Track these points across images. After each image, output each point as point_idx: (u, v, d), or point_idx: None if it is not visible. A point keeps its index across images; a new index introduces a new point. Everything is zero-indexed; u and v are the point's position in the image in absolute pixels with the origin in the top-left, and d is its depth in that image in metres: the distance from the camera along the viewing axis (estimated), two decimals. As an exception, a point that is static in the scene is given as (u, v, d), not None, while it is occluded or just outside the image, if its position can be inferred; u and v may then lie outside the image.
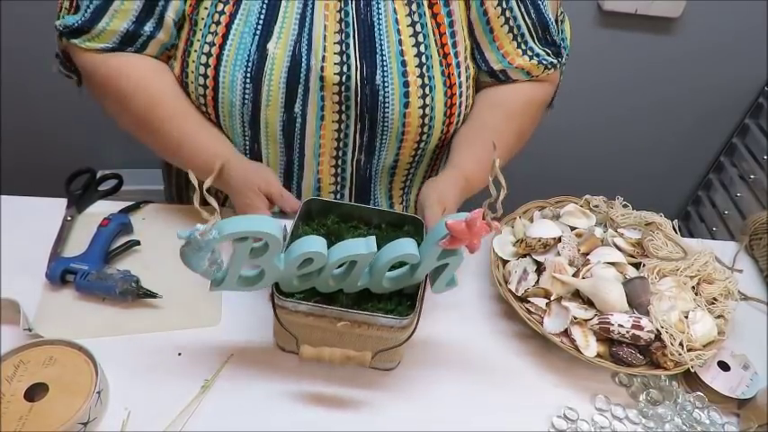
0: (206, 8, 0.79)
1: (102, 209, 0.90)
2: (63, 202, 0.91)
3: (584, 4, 1.57)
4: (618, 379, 0.80)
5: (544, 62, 0.89)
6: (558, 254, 0.85)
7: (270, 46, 0.79)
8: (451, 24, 0.83)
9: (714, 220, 1.90)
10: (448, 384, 0.76)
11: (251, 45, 0.79)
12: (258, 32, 0.79)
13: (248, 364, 0.74)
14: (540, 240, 0.86)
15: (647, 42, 1.65)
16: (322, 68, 0.80)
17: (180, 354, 0.75)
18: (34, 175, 1.48)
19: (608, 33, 1.62)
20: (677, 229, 0.93)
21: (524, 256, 0.87)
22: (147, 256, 0.86)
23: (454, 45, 0.84)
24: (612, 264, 0.84)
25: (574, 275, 0.83)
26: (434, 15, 0.82)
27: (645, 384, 0.78)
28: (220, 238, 0.57)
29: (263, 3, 0.79)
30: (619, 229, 0.91)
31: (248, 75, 0.79)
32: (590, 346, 0.76)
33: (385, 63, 0.81)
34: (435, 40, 0.83)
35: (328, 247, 0.63)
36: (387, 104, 0.82)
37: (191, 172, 0.59)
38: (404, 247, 0.63)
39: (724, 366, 0.80)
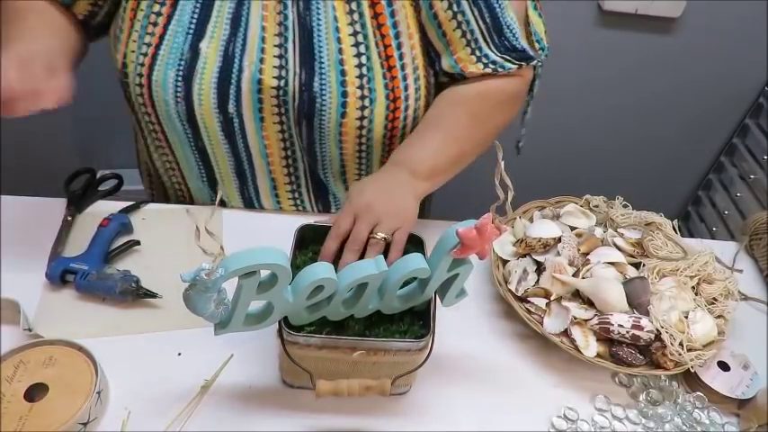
0: (142, 10, 0.79)
1: (102, 209, 0.90)
2: (63, 202, 0.91)
3: (584, 4, 1.57)
4: (618, 379, 0.80)
5: (501, 69, 0.84)
6: (558, 254, 0.85)
7: (202, 45, 0.79)
8: (397, 36, 0.81)
9: (714, 220, 1.90)
10: (447, 384, 0.76)
11: (183, 44, 0.79)
12: (191, 32, 0.79)
13: (248, 365, 0.74)
14: (540, 240, 0.86)
15: (647, 42, 1.65)
16: (260, 71, 0.79)
17: (180, 354, 0.75)
18: (34, 175, 1.48)
19: (608, 33, 1.62)
20: (677, 229, 0.93)
21: (524, 256, 0.87)
22: (147, 256, 0.86)
23: (401, 57, 0.82)
24: (612, 264, 0.84)
25: (574, 275, 0.83)
26: (379, 27, 0.80)
27: (645, 384, 0.78)
28: (227, 275, 0.53)
29: (197, 2, 0.79)
30: (619, 229, 0.91)
31: (180, 73, 0.80)
32: (590, 346, 0.76)
33: (323, 70, 0.80)
34: (379, 53, 0.81)
35: None
36: (323, 112, 0.82)
37: (189, 207, 0.55)
38: (414, 262, 0.61)
39: (724, 366, 0.80)
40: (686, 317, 0.80)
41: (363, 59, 0.80)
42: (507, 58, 0.84)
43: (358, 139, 0.85)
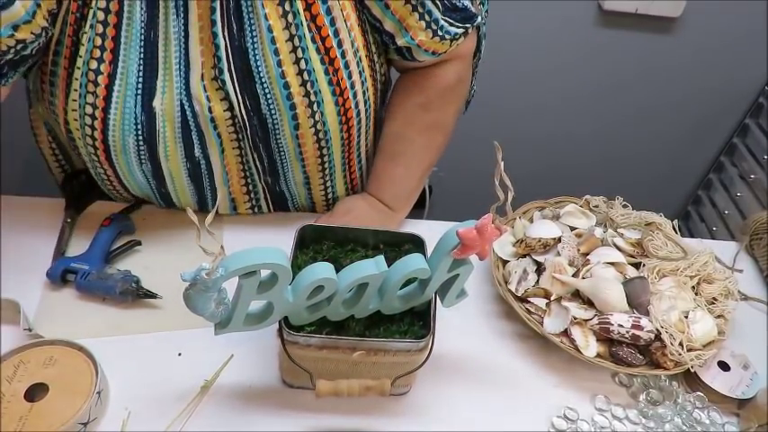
0: (79, 68, 0.73)
1: (104, 209, 0.90)
2: (63, 202, 0.91)
3: (584, 4, 1.57)
4: (618, 379, 0.80)
5: (448, 35, 0.82)
6: (558, 254, 0.85)
7: (155, 104, 0.75)
8: (333, 22, 0.77)
9: (714, 220, 1.90)
10: (447, 384, 0.76)
11: (135, 107, 0.74)
12: (140, 92, 0.74)
13: (248, 365, 0.74)
14: (539, 240, 0.86)
15: (647, 42, 1.64)
16: (210, 109, 0.77)
17: (180, 354, 0.75)
18: (34, 175, 1.48)
19: (608, 33, 1.62)
20: (677, 229, 0.93)
21: (524, 256, 0.87)
22: (148, 256, 0.86)
23: (339, 44, 0.78)
24: (612, 264, 0.84)
25: (574, 275, 0.83)
26: (314, 18, 0.75)
27: (645, 384, 0.78)
28: (227, 275, 0.54)
29: (140, 60, 0.74)
30: (619, 230, 0.91)
31: (140, 137, 0.76)
32: (590, 346, 0.76)
33: (267, 91, 0.76)
34: (318, 47, 0.77)
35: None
36: (277, 132, 0.80)
37: (189, 209, 0.55)
38: (414, 262, 0.61)
39: (724, 366, 0.80)
40: (686, 317, 0.80)
41: (303, 64, 0.76)
42: (450, 21, 0.82)
43: (317, 144, 0.84)
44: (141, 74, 0.74)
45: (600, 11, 1.57)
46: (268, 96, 0.77)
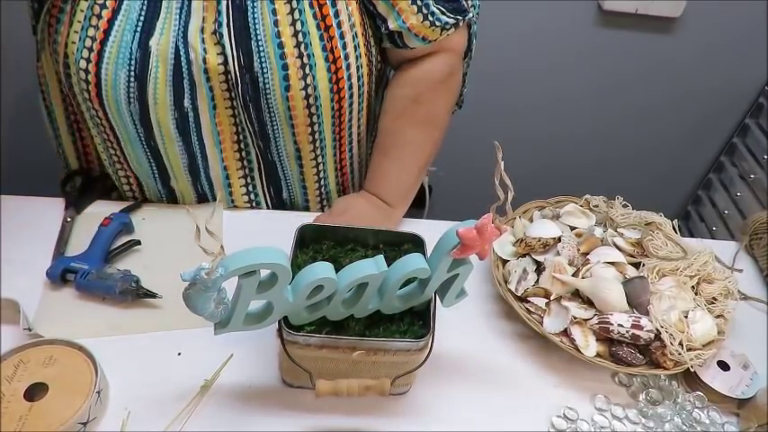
0: (86, 0, 0.77)
1: (103, 208, 0.91)
2: (63, 201, 0.91)
3: (584, 4, 1.57)
4: (618, 379, 0.80)
5: (438, 23, 0.84)
6: (558, 254, 0.85)
7: (152, 42, 0.77)
8: None
9: (714, 219, 1.90)
10: (447, 384, 0.76)
11: (132, 42, 0.77)
12: (139, 29, 0.77)
13: (248, 365, 0.74)
14: (539, 240, 0.86)
15: (647, 42, 1.65)
16: (204, 60, 0.78)
17: (180, 354, 0.75)
18: (34, 175, 1.48)
19: (608, 33, 1.62)
20: (677, 228, 0.93)
21: (524, 255, 0.87)
22: (148, 255, 0.86)
23: (336, 14, 0.81)
24: (612, 263, 0.84)
25: (573, 275, 0.83)
26: None
27: (645, 384, 0.78)
28: (227, 274, 0.54)
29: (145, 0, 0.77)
30: (618, 229, 0.91)
31: (132, 73, 0.78)
32: (590, 346, 0.77)
33: (261, 49, 0.78)
34: (315, 13, 0.79)
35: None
36: (268, 91, 0.81)
37: (188, 208, 0.55)
38: (414, 262, 0.61)
39: (724, 366, 0.80)
40: (686, 316, 0.80)
41: (299, 25, 0.79)
42: (442, 9, 0.84)
43: (307, 109, 0.84)
44: (144, 12, 0.78)
45: (600, 11, 1.57)
46: (262, 54, 0.79)
